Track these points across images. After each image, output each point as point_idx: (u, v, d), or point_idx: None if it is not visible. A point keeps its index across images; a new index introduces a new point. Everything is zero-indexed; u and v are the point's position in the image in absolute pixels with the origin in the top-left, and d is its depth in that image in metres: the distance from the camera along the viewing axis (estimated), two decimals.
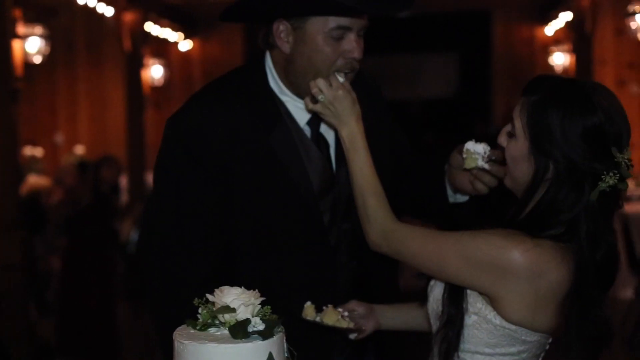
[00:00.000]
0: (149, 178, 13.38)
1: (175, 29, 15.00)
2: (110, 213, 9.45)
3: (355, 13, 3.02)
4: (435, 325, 2.86)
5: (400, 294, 3.46)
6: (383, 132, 3.34)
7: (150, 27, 13.68)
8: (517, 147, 2.72)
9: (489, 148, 3.02)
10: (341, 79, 3.05)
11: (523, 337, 2.70)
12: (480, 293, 2.70)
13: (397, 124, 3.60)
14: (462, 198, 3.34)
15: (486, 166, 3.01)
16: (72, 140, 14.69)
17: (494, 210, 2.90)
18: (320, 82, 3.01)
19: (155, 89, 15.14)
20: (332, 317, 3.03)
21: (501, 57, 16.16)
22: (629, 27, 11.01)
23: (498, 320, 2.68)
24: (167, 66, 15.33)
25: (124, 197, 12.58)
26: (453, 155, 3.22)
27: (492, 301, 2.67)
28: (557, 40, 15.18)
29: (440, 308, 2.82)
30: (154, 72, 15.00)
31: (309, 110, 3.10)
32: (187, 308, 2.54)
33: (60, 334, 8.85)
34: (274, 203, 3.13)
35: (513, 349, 2.72)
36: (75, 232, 8.89)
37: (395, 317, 3.20)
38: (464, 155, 3.03)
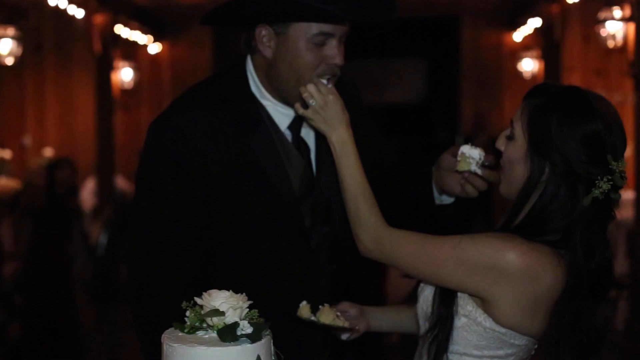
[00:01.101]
0: (118, 181, 13.38)
1: (144, 32, 14.96)
2: (67, 215, 9.42)
3: (338, 20, 3.05)
4: (424, 326, 2.90)
5: (381, 298, 3.48)
6: (364, 135, 3.37)
7: (120, 30, 13.63)
8: (515, 149, 2.77)
9: (483, 154, 3.05)
10: (328, 85, 3.08)
11: (512, 341, 2.73)
12: (474, 296, 2.73)
13: (377, 126, 3.62)
14: (448, 200, 3.36)
15: (478, 171, 3.04)
16: (41, 142, 14.61)
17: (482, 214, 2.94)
18: (311, 87, 3.03)
19: (124, 92, 15.09)
20: (329, 316, 3.06)
21: (469, 63, 16.21)
22: (599, 34, 11.10)
23: (488, 323, 2.72)
24: (137, 69, 15.28)
25: (94, 201, 12.54)
26: (444, 157, 3.25)
27: (486, 304, 2.70)
28: (525, 46, 15.27)
29: (429, 309, 2.85)
30: (124, 74, 14.95)
31: (299, 116, 3.11)
32: (170, 313, 2.56)
33: (25, 336, 8.82)
34: (256, 207, 3.15)
35: (501, 352, 2.76)
36: (32, 234, 8.87)
37: (385, 318, 3.23)
38: (459, 158, 3.06)
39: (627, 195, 9.64)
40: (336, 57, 3.09)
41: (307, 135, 3.27)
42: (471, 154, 3.04)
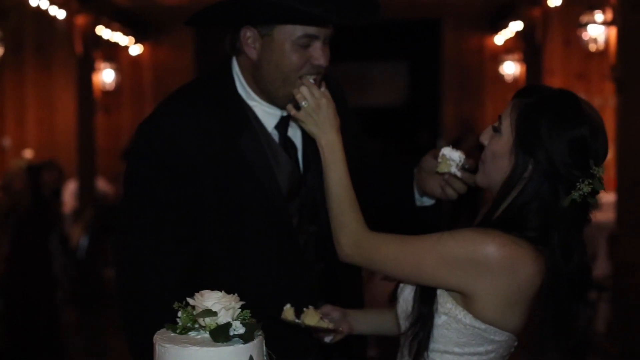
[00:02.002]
0: (99, 183, 13.34)
1: (126, 33, 14.92)
2: (51, 217, 9.39)
3: (323, 23, 3.07)
4: (404, 326, 2.91)
5: (363, 299, 3.49)
6: (349, 137, 3.39)
7: (102, 31, 13.60)
8: (500, 143, 2.80)
9: (464, 157, 3.07)
10: (321, 88, 3.10)
11: (492, 337, 2.76)
12: (456, 291, 2.75)
13: (360, 127, 3.63)
14: (428, 201, 3.39)
15: (458, 173, 3.06)
16: (20, 144, 14.54)
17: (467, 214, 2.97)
18: (305, 90, 3.04)
19: (105, 93, 15.05)
20: (313, 318, 3.07)
21: (451, 66, 16.25)
22: (581, 37, 11.15)
23: (468, 319, 2.74)
24: (118, 70, 15.24)
25: (75, 203, 12.50)
26: (426, 159, 3.28)
27: (466, 300, 2.73)
28: (506, 49, 15.32)
29: (409, 309, 2.87)
30: (105, 76, 14.91)
31: (291, 117, 3.12)
32: (161, 314, 2.56)
33: (5, 339, 8.78)
34: (244, 206, 3.17)
35: (481, 349, 2.78)
36: (15, 236, 8.83)
37: (367, 321, 3.24)
38: (439, 160, 3.08)
39: (609, 197, 9.70)
40: (321, 58, 3.12)
41: (294, 135, 3.30)
42: (451, 156, 3.06)
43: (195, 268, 3.17)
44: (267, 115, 3.24)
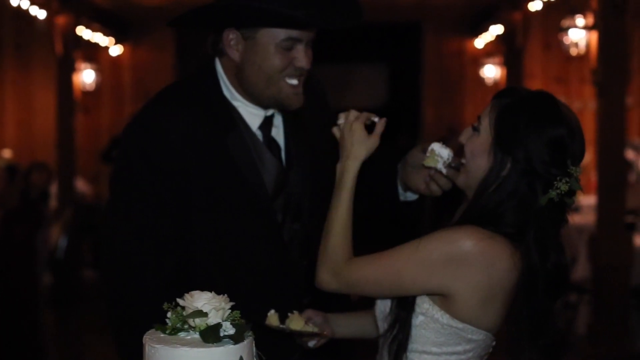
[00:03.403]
0: (79, 183, 13.30)
1: (106, 34, 14.86)
2: (38, 219, 9.36)
3: (306, 26, 3.10)
4: (382, 327, 2.93)
5: (348, 298, 3.50)
6: (330, 128, 3.43)
7: (82, 31, 13.55)
8: (479, 141, 2.83)
9: (452, 155, 3.08)
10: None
11: (469, 336, 2.78)
12: (437, 294, 2.76)
13: None
14: (412, 196, 3.40)
15: (444, 170, 3.06)
16: None
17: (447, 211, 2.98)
18: (344, 113, 3.08)
19: (85, 94, 14.99)
20: (298, 323, 3.08)
21: (431, 69, 16.26)
22: (562, 42, 11.21)
23: (445, 319, 2.76)
24: (98, 71, 15.19)
25: (53, 203, 12.45)
26: (413, 153, 3.29)
27: (445, 299, 2.75)
28: (487, 53, 15.35)
29: (387, 310, 2.90)
30: (85, 76, 14.86)
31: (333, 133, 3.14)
32: (150, 314, 2.56)
33: None
34: (231, 206, 3.19)
35: (459, 348, 2.80)
36: (1, 237, 8.80)
37: (348, 324, 3.25)
38: (427, 154, 3.07)
39: (589, 200, 9.75)
40: (303, 60, 3.15)
41: (277, 135, 3.33)
42: (440, 152, 3.06)
43: (183, 267, 3.18)
44: (252, 115, 3.26)
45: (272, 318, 3.09)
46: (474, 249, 2.69)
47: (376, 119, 3.11)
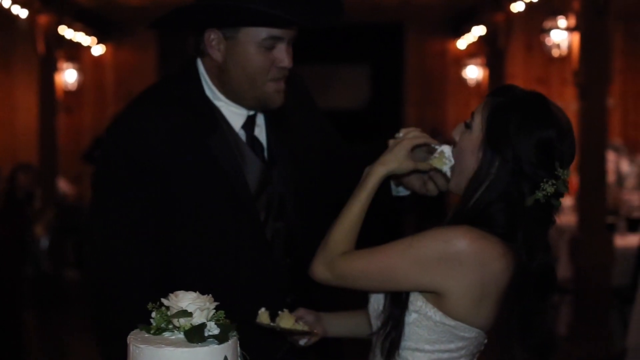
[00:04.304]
0: (61, 183, 13.27)
1: (88, 33, 14.83)
2: (23, 220, 9.33)
3: (288, 25, 3.10)
4: (376, 325, 2.94)
5: (335, 293, 3.51)
6: (317, 131, 3.48)
7: (64, 31, 13.52)
8: (470, 139, 2.84)
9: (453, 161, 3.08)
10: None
11: (462, 334, 2.79)
12: (430, 291, 2.77)
13: (329, 122, 3.67)
14: (403, 191, 3.38)
15: (449, 173, 3.06)
16: None
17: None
18: (406, 130, 3.08)
19: (68, 93, 14.96)
20: (289, 321, 3.08)
21: (413, 70, 16.30)
22: (544, 43, 11.25)
23: (438, 316, 2.77)
24: (80, 70, 15.15)
25: (37, 204, 12.42)
26: (415, 151, 3.26)
27: (438, 297, 2.76)
28: (469, 54, 15.39)
29: (381, 307, 2.90)
30: (68, 76, 14.82)
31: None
32: (133, 315, 2.56)
33: None
34: (214, 205, 3.19)
35: (452, 346, 2.81)
36: None
37: (341, 324, 3.25)
38: (436, 155, 3.05)
39: (567, 201, 9.79)
40: (285, 60, 3.14)
41: (260, 134, 3.32)
42: (450, 157, 3.06)
43: (167, 267, 3.18)
44: (234, 115, 3.25)
45: (263, 316, 3.09)
46: (467, 249, 2.70)
47: (437, 147, 3.04)
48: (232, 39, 3.11)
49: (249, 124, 3.28)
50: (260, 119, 3.32)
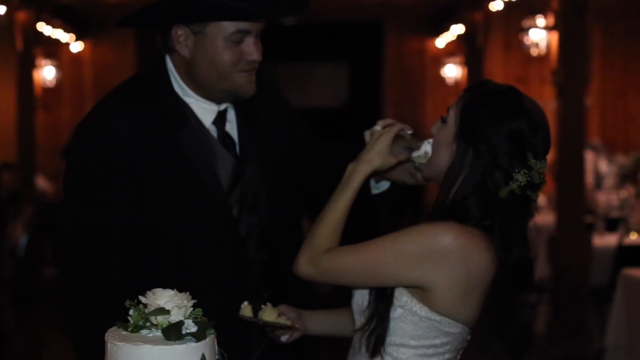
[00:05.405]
0: (39, 181, 13.21)
1: (67, 30, 14.77)
2: (4, 219, 9.31)
3: (254, 18, 3.11)
4: (359, 321, 2.94)
5: (311, 288, 3.51)
6: (282, 118, 3.48)
7: (43, 28, 13.46)
8: (445, 132, 2.88)
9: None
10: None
11: (447, 329, 2.81)
12: (415, 287, 2.79)
13: (300, 117, 3.67)
14: (384, 186, 3.38)
15: None
16: None
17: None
18: (383, 122, 3.13)
19: (46, 91, 14.90)
20: (272, 315, 3.09)
21: (392, 68, 16.31)
22: (523, 42, 11.29)
23: (423, 312, 2.79)
24: (59, 67, 15.10)
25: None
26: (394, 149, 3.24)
27: (424, 292, 2.77)
28: (448, 52, 15.42)
29: (365, 303, 2.91)
30: (46, 73, 14.76)
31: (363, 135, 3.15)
32: (108, 313, 2.56)
33: None
34: (185, 202, 3.19)
35: (437, 341, 2.82)
36: None
37: (322, 321, 3.26)
38: (422, 154, 3.06)
39: (543, 200, 9.82)
40: (254, 53, 3.16)
41: (232, 129, 3.33)
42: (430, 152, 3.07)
43: (140, 265, 3.17)
44: (205, 111, 3.26)
45: (246, 309, 3.11)
46: (453, 244, 2.72)
47: (410, 131, 3.12)
48: (200, 34, 3.12)
49: (220, 119, 3.29)
50: (231, 115, 3.32)
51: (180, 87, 3.24)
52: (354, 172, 3.01)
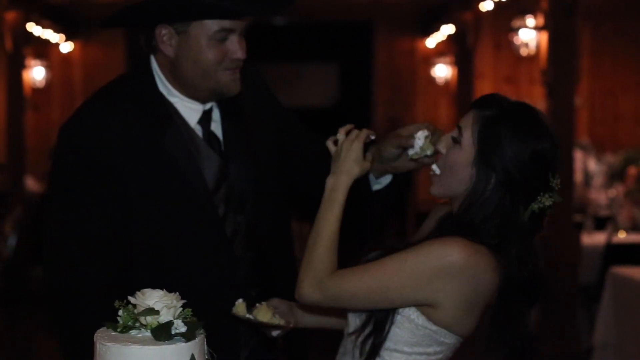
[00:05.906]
0: (29, 181, 13.19)
1: (56, 30, 14.75)
2: None
3: (237, 16, 3.10)
4: (354, 322, 2.93)
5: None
6: (269, 116, 3.48)
7: (32, 28, 13.44)
8: (461, 155, 2.82)
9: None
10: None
11: (442, 339, 2.80)
12: (423, 305, 2.77)
13: (286, 108, 3.68)
14: (385, 180, 3.36)
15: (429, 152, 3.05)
16: None
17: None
18: (344, 128, 3.09)
19: (36, 91, 14.87)
20: (266, 314, 3.08)
21: (382, 68, 16.30)
22: (512, 42, 11.31)
23: (421, 320, 2.78)
24: (48, 67, 15.07)
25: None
26: (387, 150, 3.23)
27: (430, 308, 2.76)
28: (438, 52, 15.43)
29: None
30: (36, 73, 14.74)
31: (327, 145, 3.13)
32: (95, 314, 2.56)
33: None
34: (170, 202, 3.19)
35: (430, 349, 2.82)
36: None
37: (312, 315, 3.25)
38: (417, 150, 3.05)
39: None
40: (238, 51, 3.15)
41: (217, 128, 3.33)
42: (426, 147, 3.06)
43: (126, 266, 3.17)
44: (190, 110, 3.25)
45: (240, 307, 3.09)
46: (462, 262, 2.69)
47: (373, 137, 3.08)
48: (184, 34, 3.12)
49: (205, 119, 3.29)
50: (216, 114, 3.32)
51: (165, 86, 3.23)
52: (335, 186, 2.96)
